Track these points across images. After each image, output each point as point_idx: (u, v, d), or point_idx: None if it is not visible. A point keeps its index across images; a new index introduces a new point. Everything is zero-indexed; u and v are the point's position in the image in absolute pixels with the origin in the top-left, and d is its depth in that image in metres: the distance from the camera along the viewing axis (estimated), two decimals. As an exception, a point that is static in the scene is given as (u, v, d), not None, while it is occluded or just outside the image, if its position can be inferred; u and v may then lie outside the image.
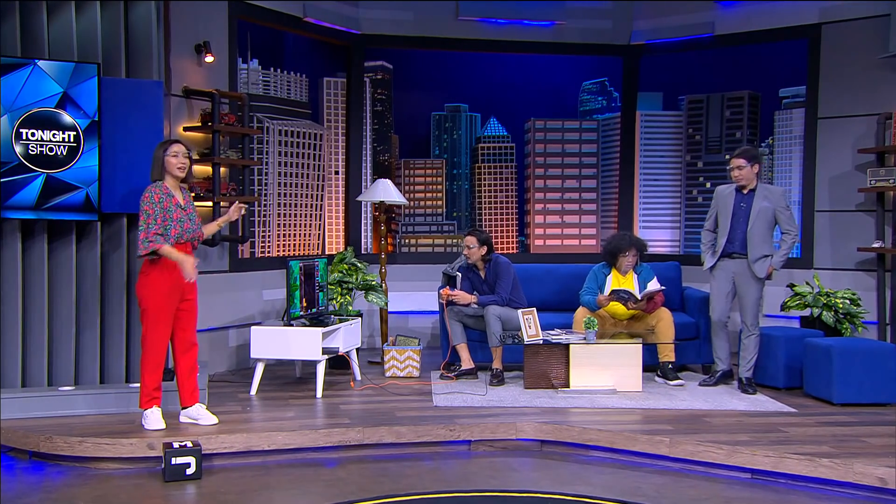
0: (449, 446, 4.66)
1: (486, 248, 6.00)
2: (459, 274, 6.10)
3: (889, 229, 6.40)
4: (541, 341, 5.63)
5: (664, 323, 5.81)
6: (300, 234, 7.27)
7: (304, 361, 5.81)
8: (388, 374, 6.03)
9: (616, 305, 5.88)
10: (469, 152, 8.19)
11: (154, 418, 4.52)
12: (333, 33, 7.33)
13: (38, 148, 4.76)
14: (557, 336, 5.73)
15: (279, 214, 7.06)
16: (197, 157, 6.01)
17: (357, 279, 6.52)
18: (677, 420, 4.81)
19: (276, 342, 5.42)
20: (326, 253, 7.46)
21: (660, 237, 7.89)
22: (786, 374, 5.64)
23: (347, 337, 5.76)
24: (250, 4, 6.53)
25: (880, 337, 6.37)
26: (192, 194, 5.76)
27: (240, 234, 6.24)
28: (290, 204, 7.15)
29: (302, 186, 7.25)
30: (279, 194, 7.04)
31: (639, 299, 5.78)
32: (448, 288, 6.03)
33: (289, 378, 6.05)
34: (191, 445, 4.11)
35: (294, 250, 7.20)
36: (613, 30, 7.74)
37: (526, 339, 5.61)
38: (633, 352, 5.56)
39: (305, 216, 7.31)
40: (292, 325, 5.46)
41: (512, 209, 8.17)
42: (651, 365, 5.87)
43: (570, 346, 5.55)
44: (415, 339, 6.12)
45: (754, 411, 5.05)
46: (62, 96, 4.80)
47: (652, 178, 7.95)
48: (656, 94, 7.97)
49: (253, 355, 5.50)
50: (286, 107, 7.16)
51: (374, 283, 6.55)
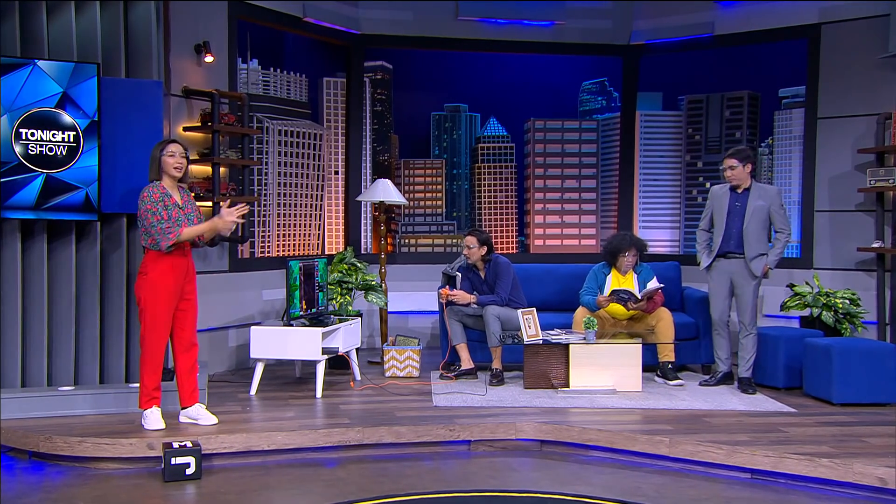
0: (449, 446, 4.66)
1: (485, 248, 6.00)
2: (459, 274, 6.09)
3: (889, 229, 6.40)
4: (540, 341, 5.63)
5: (664, 323, 5.82)
6: (300, 234, 7.27)
7: (304, 361, 5.81)
8: (387, 374, 6.03)
9: (616, 305, 5.89)
10: (469, 152, 8.19)
11: (154, 418, 4.52)
12: (333, 33, 7.33)
13: (38, 148, 4.76)
14: (557, 336, 5.73)
15: (279, 214, 7.05)
16: (196, 157, 6.02)
17: (357, 279, 6.52)
18: (677, 420, 4.81)
19: (276, 342, 5.42)
20: (326, 253, 7.45)
21: (659, 237, 7.88)
22: (785, 374, 5.65)
23: (347, 337, 5.76)
24: (250, 4, 6.53)
25: (880, 337, 6.37)
26: (193, 194, 5.77)
27: (239, 234, 6.24)
28: (290, 204, 7.15)
29: (302, 186, 7.25)
30: (279, 194, 7.04)
31: (639, 299, 5.79)
32: (447, 288, 6.03)
33: (288, 378, 6.05)
34: (190, 445, 4.10)
35: (294, 250, 7.20)
36: (613, 30, 7.74)
37: (526, 339, 5.61)
38: (632, 352, 5.56)
39: (305, 216, 7.31)
40: (292, 325, 5.46)
41: (512, 209, 8.17)
42: (651, 365, 5.87)
43: (570, 346, 5.55)
44: (414, 339, 6.12)
45: (754, 411, 5.05)
46: (62, 96, 4.80)
47: (652, 178, 7.95)
48: (656, 94, 7.97)
49: (253, 355, 5.50)
50: (286, 107, 7.16)
51: (373, 283, 6.55)
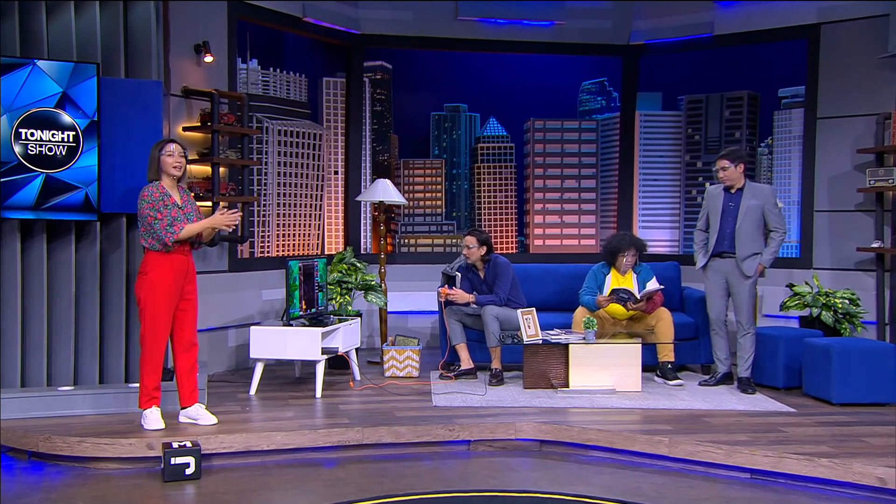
0: (448, 446, 4.66)
1: (485, 248, 6.00)
2: (459, 274, 6.09)
3: (888, 229, 6.40)
4: (540, 341, 5.63)
5: (663, 323, 5.82)
6: (299, 234, 7.26)
7: (304, 361, 5.81)
8: (387, 374, 6.03)
9: (615, 305, 5.89)
10: (468, 152, 8.19)
11: (153, 418, 4.52)
12: (333, 33, 7.33)
13: (38, 148, 4.76)
14: (557, 336, 5.73)
15: (278, 214, 7.05)
16: (196, 157, 6.02)
17: (356, 279, 6.52)
18: (677, 420, 4.81)
19: (276, 342, 5.42)
20: (326, 253, 7.45)
21: (659, 237, 7.89)
22: (785, 373, 5.65)
23: (347, 337, 5.76)
24: (250, 4, 6.53)
25: (879, 337, 6.37)
26: (192, 194, 5.77)
27: (239, 234, 6.24)
28: (290, 204, 7.15)
29: (301, 186, 7.25)
30: (278, 194, 7.04)
31: (638, 299, 5.79)
32: (446, 287, 6.03)
33: (288, 378, 6.05)
34: (190, 445, 4.10)
35: (293, 250, 7.20)
36: (613, 30, 7.74)
37: (525, 339, 5.61)
38: (632, 352, 5.56)
39: (305, 216, 7.31)
40: (292, 325, 5.46)
41: (511, 209, 8.17)
42: (650, 365, 5.87)
43: (570, 346, 5.55)
44: (414, 339, 6.12)
45: (753, 411, 5.05)
46: (61, 96, 4.80)
47: (651, 178, 7.95)
48: (655, 94, 7.97)
49: (252, 355, 5.50)
50: (285, 107, 7.16)
51: (373, 283, 6.55)
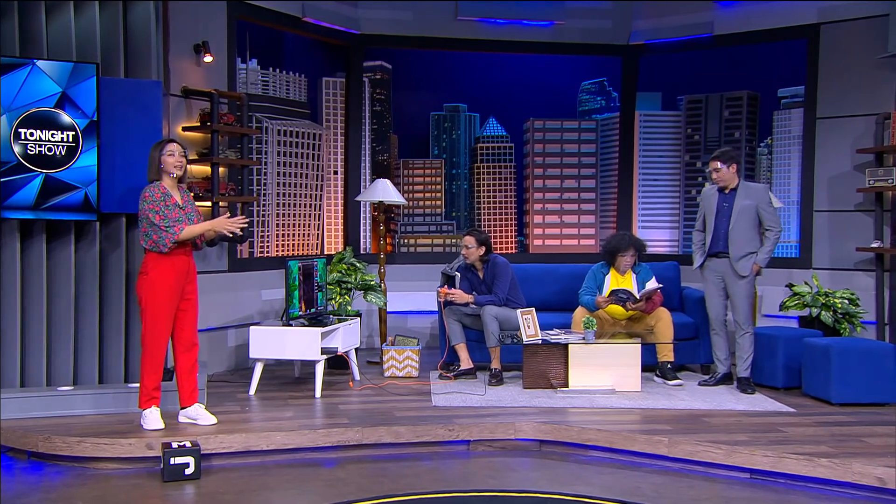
0: (448, 446, 4.66)
1: (484, 248, 6.00)
2: (458, 274, 6.09)
3: (888, 229, 6.40)
4: (540, 341, 5.63)
5: (663, 323, 5.82)
6: (299, 234, 7.26)
7: (303, 361, 5.81)
8: (386, 374, 6.03)
9: (615, 306, 5.88)
10: (468, 152, 8.19)
11: (153, 418, 4.52)
12: (332, 33, 7.33)
13: (37, 148, 4.76)
14: (556, 336, 5.73)
15: (278, 214, 7.05)
16: (196, 157, 6.02)
17: (356, 279, 6.52)
18: (676, 420, 4.81)
19: (275, 342, 5.42)
20: (325, 253, 7.45)
21: (658, 237, 7.89)
22: (784, 373, 5.65)
23: (346, 337, 5.76)
24: (249, 4, 6.53)
25: (879, 337, 6.37)
26: (192, 194, 5.77)
27: (239, 234, 6.22)
28: (289, 204, 7.15)
29: (301, 186, 7.25)
30: (278, 194, 7.04)
31: (637, 299, 5.79)
32: (446, 287, 6.03)
33: (288, 378, 6.05)
34: (189, 445, 4.10)
35: (293, 250, 7.19)
36: (612, 30, 7.74)
37: (525, 339, 5.61)
38: (631, 352, 5.56)
39: (304, 216, 7.31)
40: (291, 325, 5.46)
41: (511, 209, 8.17)
42: (650, 365, 5.87)
43: (569, 346, 5.55)
44: (414, 339, 6.12)
45: (753, 411, 5.05)
46: (61, 96, 4.80)
47: (651, 178, 7.95)
48: (655, 94, 7.97)
49: (252, 355, 5.50)
50: (285, 107, 7.16)
51: (372, 283, 6.55)
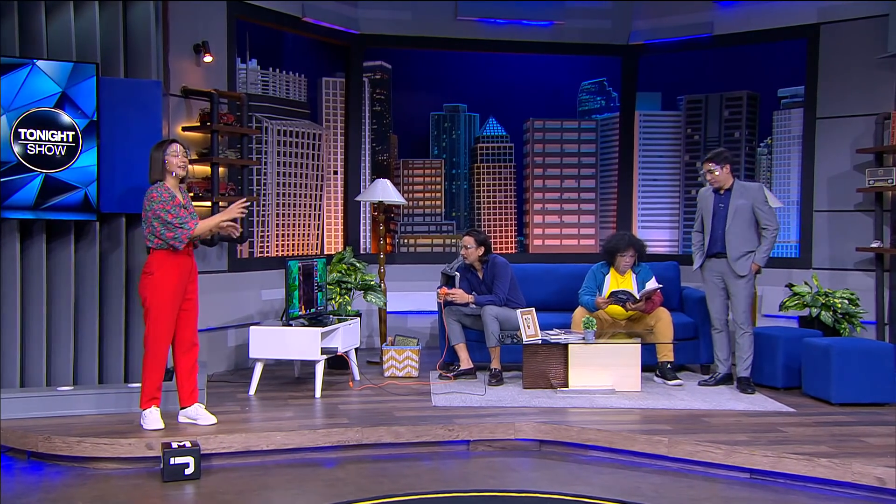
0: (448, 446, 4.66)
1: (483, 248, 6.00)
2: (458, 274, 6.10)
3: (887, 229, 6.40)
4: (539, 341, 5.63)
5: (663, 323, 5.82)
6: (299, 234, 7.26)
7: (303, 361, 5.81)
8: (386, 374, 6.03)
9: (615, 306, 5.88)
10: (468, 152, 8.19)
11: (153, 418, 4.52)
12: (332, 33, 7.33)
13: (37, 148, 4.76)
14: (556, 336, 5.73)
15: (278, 214, 7.05)
16: (195, 157, 6.02)
17: (356, 279, 6.52)
18: (676, 420, 4.81)
19: (275, 342, 5.42)
20: (325, 253, 7.45)
21: (658, 237, 7.89)
22: (784, 373, 5.65)
23: (346, 337, 5.76)
24: (249, 4, 6.53)
25: (879, 337, 6.37)
26: (191, 194, 5.78)
27: (239, 233, 6.23)
28: (289, 204, 7.15)
29: (301, 186, 7.25)
30: (278, 194, 7.04)
31: (637, 299, 5.79)
32: (446, 287, 6.02)
33: (287, 378, 6.05)
34: (189, 445, 4.10)
35: (293, 250, 7.19)
36: (612, 30, 7.74)
37: (525, 339, 5.61)
38: (631, 352, 5.56)
39: (304, 216, 7.31)
40: (291, 325, 5.46)
41: (511, 209, 8.17)
42: (650, 365, 5.87)
43: (569, 346, 5.55)
44: (414, 339, 6.12)
45: (753, 411, 5.05)
46: (61, 96, 4.80)
47: (650, 178, 7.95)
48: (655, 94, 7.97)
49: (252, 355, 5.50)
50: (285, 107, 7.16)
51: (372, 283, 6.55)
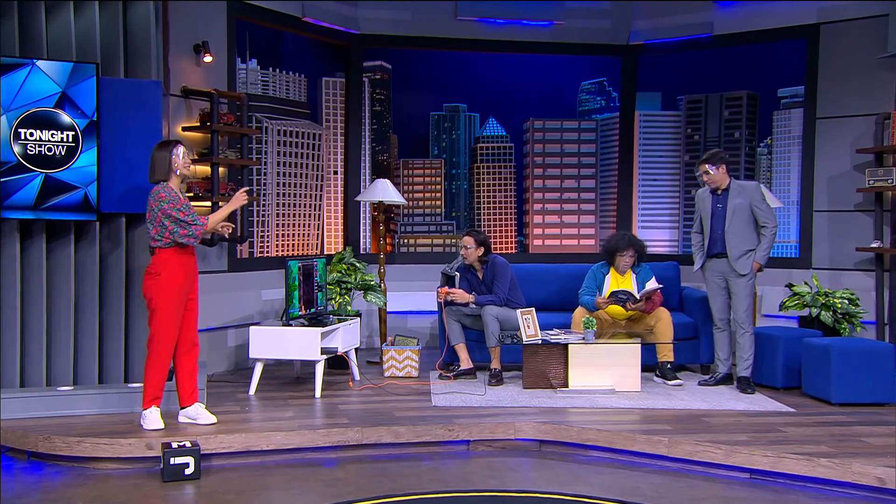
0: (448, 446, 4.66)
1: (483, 248, 6.00)
2: (458, 274, 6.10)
3: (887, 229, 6.40)
4: (539, 341, 5.63)
5: (663, 323, 5.82)
6: (299, 234, 7.26)
7: (303, 361, 5.81)
8: (386, 374, 6.03)
9: (615, 306, 5.88)
10: (468, 152, 8.19)
11: (153, 418, 4.52)
12: (332, 33, 7.33)
13: (37, 148, 4.76)
14: (556, 336, 5.73)
15: (278, 214, 7.05)
16: (195, 157, 6.02)
17: (356, 279, 6.52)
18: (676, 420, 4.81)
19: (275, 342, 5.42)
20: (325, 253, 7.45)
21: (658, 237, 7.89)
22: (784, 373, 5.65)
23: (346, 337, 5.76)
24: (249, 4, 6.53)
25: (878, 337, 6.37)
26: (191, 194, 5.78)
27: (238, 233, 6.24)
28: (289, 204, 7.15)
29: (301, 186, 7.25)
30: (278, 194, 7.04)
31: (637, 299, 5.79)
32: (446, 287, 6.02)
33: (287, 378, 6.05)
34: (189, 445, 4.10)
35: (293, 250, 7.19)
36: (612, 30, 7.74)
37: (525, 339, 5.61)
38: (631, 352, 5.56)
39: (304, 216, 7.31)
40: (291, 325, 5.46)
41: (511, 209, 8.17)
42: (650, 365, 5.87)
43: (569, 346, 5.55)
44: (414, 339, 6.12)
45: (753, 411, 5.05)
46: (61, 96, 4.80)
47: (650, 178, 7.95)
48: (655, 94, 7.97)
49: (252, 355, 5.50)
50: (285, 107, 7.16)
51: (372, 283, 6.55)
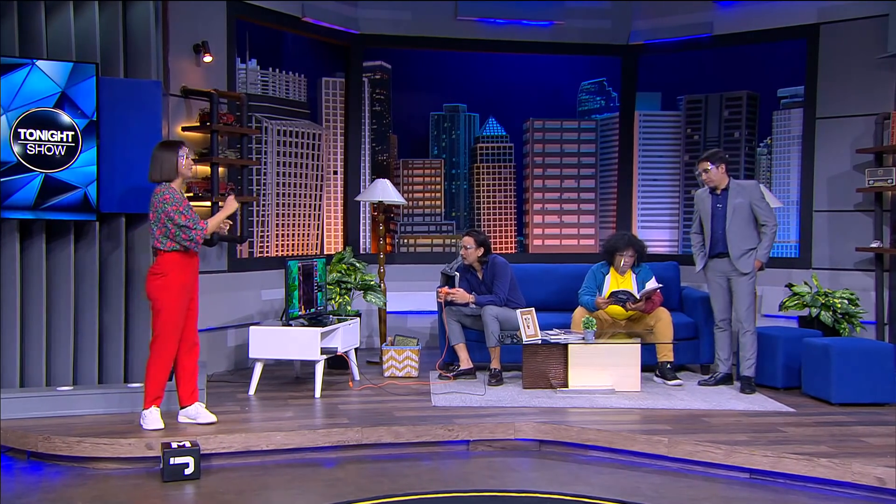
0: (447, 446, 4.66)
1: (483, 249, 6.00)
2: (458, 273, 6.10)
3: (887, 229, 6.40)
4: (539, 341, 5.63)
5: (663, 323, 5.82)
6: (299, 234, 7.26)
7: (303, 361, 5.81)
8: (386, 374, 6.03)
9: (615, 306, 5.88)
10: (468, 152, 8.19)
11: (153, 418, 4.52)
12: (332, 33, 7.33)
13: (37, 148, 4.76)
14: (556, 336, 5.73)
15: (278, 214, 7.05)
16: (195, 157, 6.01)
17: (355, 279, 6.52)
18: (676, 420, 4.81)
19: (275, 342, 5.42)
20: (325, 253, 7.45)
21: (658, 237, 7.89)
22: (784, 373, 5.65)
23: (346, 337, 5.76)
24: (249, 4, 6.53)
25: (878, 337, 6.37)
26: (190, 194, 5.78)
27: (238, 233, 6.24)
28: (289, 204, 7.15)
29: (300, 186, 7.25)
30: (278, 194, 7.04)
31: (637, 299, 5.79)
32: (446, 287, 6.02)
33: (287, 378, 6.05)
34: (189, 445, 4.11)
35: (292, 250, 7.19)
36: (612, 30, 7.74)
37: (525, 339, 5.61)
38: (631, 352, 5.56)
39: (304, 216, 7.31)
40: (291, 325, 5.46)
41: (510, 209, 8.17)
42: (650, 365, 5.87)
43: (569, 346, 5.55)
44: (413, 339, 6.12)
45: (753, 411, 5.06)
46: (60, 96, 4.80)
47: (650, 178, 7.95)
48: (655, 94, 7.97)
49: (251, 355, 5.50)
50: (285, 107, 7.16)
51: (372, 283, 6.55)
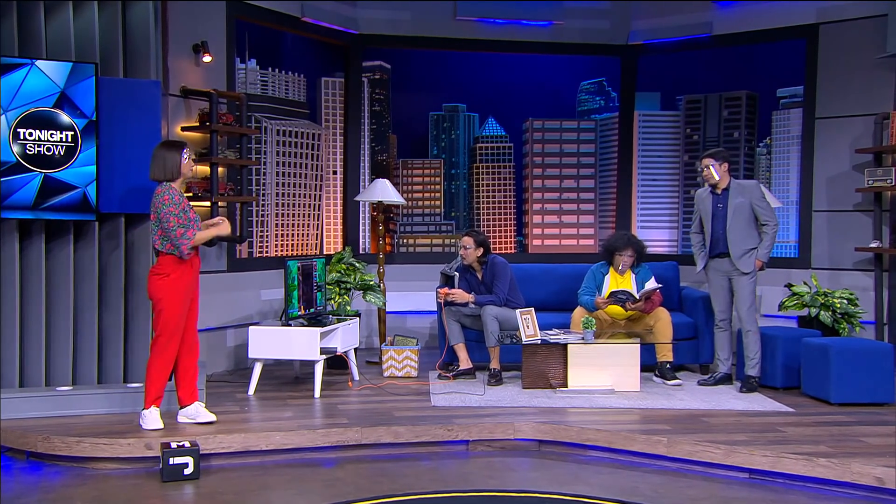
0: (447, 446, 4.66)
1: (482, 249, 6.00)
2: (457, 274, 6.10)
3: (886, 229, 6.40)
4: (539, 341, 5.63)
5: (662, 323, 5.82)
6: (298, 234, 7.26)
7: (303, 361, 5.81)
8: (386, 374, 6.03)
9: (614, 306, 5.88)
10: (467, 152, 8.19)
11: (152, 418, 4.51)
12: (331, 33, 7.33)
13: (36, 148, 4.76)
14: (555, 336, 5.73)
15: (277, 214, 7.05)
16: (195, 158, 6.01)
17: (355, 279, 6.52)
18: (675, 420, 4.81)
19: (275, 342, 5.42)
20: (324, 253, 7.45)
21: (658, 237, 7.89)
22: (783, 373, 5.65)
23: (345, 337, 5.76)
24: (248, 4, 6.53)
25: (878, 337, 6.37)
26: (189, 194, 5.78)
27: (238, 234, 6.24)
28: (288, 204, 7.15)
29: (300, 186, 7.25)
30: (277, 194, 7.04)
31: (637, 299, 5.79)
32: (446, 288, 6.02)
33: (287, 378, 6.05)
34: (188, 445, 4.10)
35: (292, 250, 7.19)
36: (611, 30, 7.74)
37: (524, 339, 5.61)
38: (631, 352, 5.56)
39: (303, 216, 7.31)
40: (290, 325, 5.46)
41: (510, 209, 8.17)
42: (649, 365, 5.87)
43: (569, 346, 5.56)
44: (413, 339, 6.12)
45: (752, 411, 5.06)
46: (60, 96, 4.80)
47: (650, 178, 7.95)
48: (654, 94, 7.98)
49: (251, 355, 5.50)
50: (284, 107, 7.15)
51: (372, 283, 6.55)
